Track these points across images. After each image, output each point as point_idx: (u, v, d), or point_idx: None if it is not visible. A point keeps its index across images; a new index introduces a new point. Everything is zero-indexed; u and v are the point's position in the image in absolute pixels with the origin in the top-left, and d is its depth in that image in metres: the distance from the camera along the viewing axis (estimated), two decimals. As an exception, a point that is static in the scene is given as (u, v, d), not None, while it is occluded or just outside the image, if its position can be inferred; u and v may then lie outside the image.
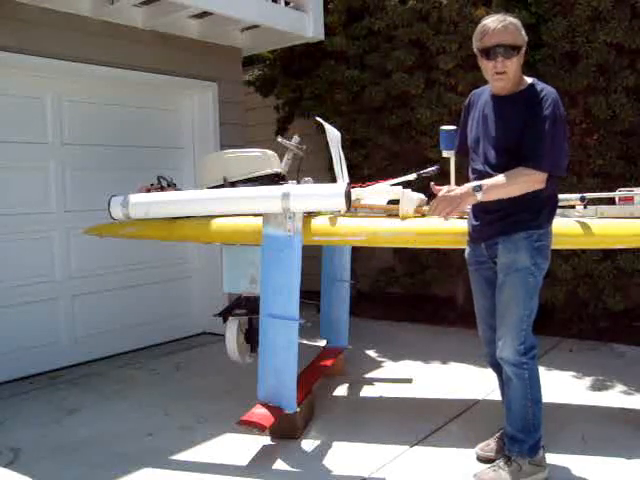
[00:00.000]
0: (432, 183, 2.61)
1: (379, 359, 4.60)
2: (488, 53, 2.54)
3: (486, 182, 2.50)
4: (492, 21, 2.55)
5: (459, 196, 2.48)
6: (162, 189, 3.71)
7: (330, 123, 3.66)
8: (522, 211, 2.57)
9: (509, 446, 2.69)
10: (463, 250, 2.95)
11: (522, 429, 2.65)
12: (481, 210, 2.69)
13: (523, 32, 2.58)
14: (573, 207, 3.27)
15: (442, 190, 2.52)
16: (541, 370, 4.16)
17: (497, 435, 2.91)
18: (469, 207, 2.75)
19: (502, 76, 2.55)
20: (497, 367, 2.81)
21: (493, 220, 2.65)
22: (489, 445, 2.91)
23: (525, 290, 2.59)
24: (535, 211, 2.60)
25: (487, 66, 2.58)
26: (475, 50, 2.63)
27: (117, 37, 4.57)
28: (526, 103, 2.55)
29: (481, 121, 2.71)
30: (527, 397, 2.63)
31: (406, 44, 5.28)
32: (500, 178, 2.49)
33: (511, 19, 2.56)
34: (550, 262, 2.69)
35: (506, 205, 2.56)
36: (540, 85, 2.60)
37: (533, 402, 2.65)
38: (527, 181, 2.49)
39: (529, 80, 2.64)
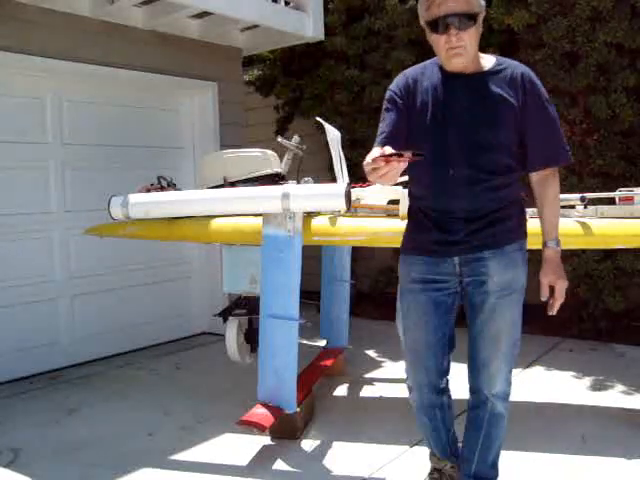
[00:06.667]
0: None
1: (379, 359, 4.60)
2: (437, 25, 2.03)
3: (553, 229, 2.16)
4: None
5: (557, 266, 2.15)
6: (162, 189, 3.71)
7: (330, 123, 3.65)
8: (509, 218, 2.15)
9: None
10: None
11: (493, 465, 2.32)
12: (453, 218, 2.14)
13: None
14: (573, 207, 3.28)
15: (544, 283, 2.16)
16: (541, 370, 4.19)
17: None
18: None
19: (459, 50, 2.04)
20: (439, 408, 2.36)
21: (477, 229, 2.12)
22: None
23: (519, 311, 2.21)
24: (521, 217, 2.22)
25: (438, 41, 2.07)
26: (422, 23, 2.12)
27: (117, 37, 4.57)
28: (514, 86, 2.08)
29: (441, 108, 2.11)
30: (504, 432, 2.30)
31: (406, 44, 5.28)
32: (551, 208, 2.17)
33: None
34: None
35: (491, 210, 2.11)
36: (510, 62, 2.15)
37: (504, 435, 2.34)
38: (558, 181, 2.19)
39: (491, 56, 2.18)
